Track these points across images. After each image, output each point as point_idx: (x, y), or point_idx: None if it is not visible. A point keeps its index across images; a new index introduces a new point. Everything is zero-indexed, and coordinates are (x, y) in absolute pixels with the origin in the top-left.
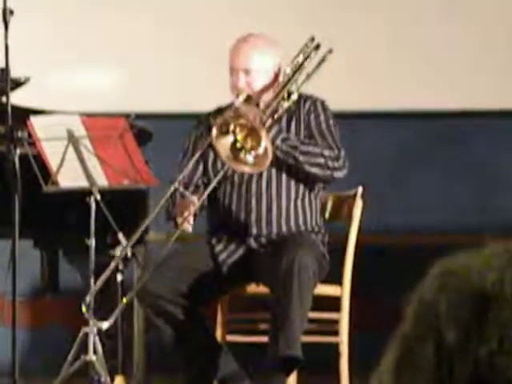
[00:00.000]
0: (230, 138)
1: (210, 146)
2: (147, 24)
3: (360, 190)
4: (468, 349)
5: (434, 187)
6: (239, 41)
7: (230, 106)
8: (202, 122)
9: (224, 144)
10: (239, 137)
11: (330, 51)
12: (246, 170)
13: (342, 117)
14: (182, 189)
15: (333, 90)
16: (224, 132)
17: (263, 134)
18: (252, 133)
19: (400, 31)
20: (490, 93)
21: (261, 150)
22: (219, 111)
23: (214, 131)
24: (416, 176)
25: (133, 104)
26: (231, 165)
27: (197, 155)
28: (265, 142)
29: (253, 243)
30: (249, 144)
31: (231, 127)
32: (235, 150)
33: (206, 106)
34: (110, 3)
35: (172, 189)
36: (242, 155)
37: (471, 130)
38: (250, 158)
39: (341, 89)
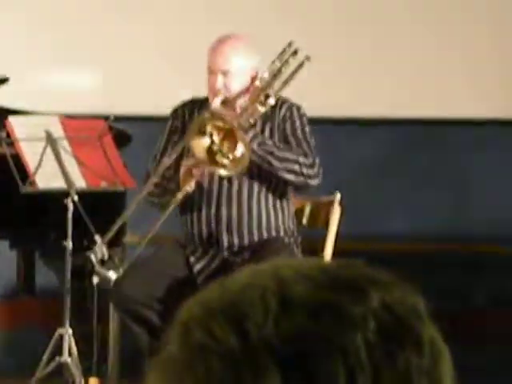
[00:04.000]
0: (206, 140)
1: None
2: (126, 26)
3: (338, 196)
4: None
5: (408, 193)
6: (218, 41)
7: (205, 99)
8: (177, 113)
9: (200, 146)
10: (216, 139)
11: (308, 58)
12: (222, 173)
13: (317, 123)
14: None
15: (309, 96)
16: (201, 133)
17: (241, 136)
18: (229, 135)
19: (376, 40)
20: (464, 101)
21: (238, 153)
22: (194, 102)
23: (191, 132)
24: (391, 182)
25: (112, 106)
26: (206, 167)
27: (171, 152)
28: (242, 145)
29: (226, 254)
30: (225, 147)
31: (208, 129)
32: (211, 152)
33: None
34: (90, 5)
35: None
36: (218, 158)
37: (446, 137)
38: (225, 161)
39: (316, 95)
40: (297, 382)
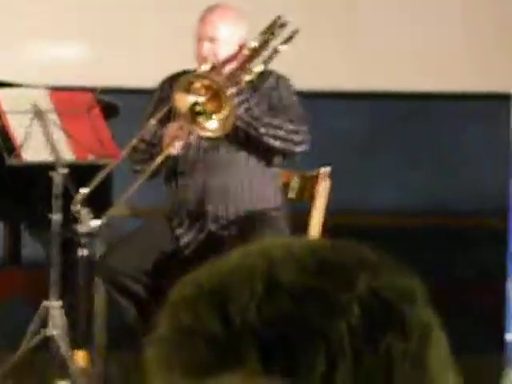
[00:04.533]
0: (191, 98)
1: (171, 109)
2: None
3: (328, 169)
4: None
5: (394, 168)
6: (207, 10)
7: (194, 71)
8: (165, 84)
9: (184, 103)
10: (202, 99)
11: (296, 31)
12: (204, 133)
13: (303, 96)
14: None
15: (298, 69)
16: (187, 91)
17: (227, 98)
18: (215, 96)
19: (360, 14)
20: (451, 74)
21: (223, 114)
22: (183, 74)
23: (177, 89)
24: (378, 157)
25: (100, 78)
26: (188, 126)
27: (158, 115)
28: (228, 107)
29: (213, 226)
30: (210, 107)
31: (195, 86)
32: (195, 112)
33: None
34: None
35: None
36: (202, 118)
37: (430, 111)
38: (210, 122)
39: (303, 68)
40: (278, 366)
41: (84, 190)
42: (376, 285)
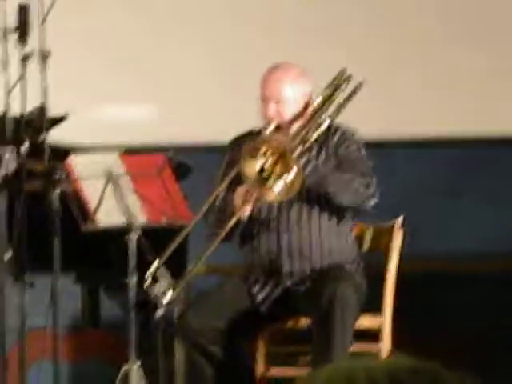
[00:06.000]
0: (258, 163)
1: (239, 173)
2: (183, 55)
3: (400, 219)
4: None
5: (473, 215)
6: (270, 69)
7: (261, 130)
8: (234, 145)
9: (251, 169)
10: (268, 163)
11: (361, 84)
12: (273, 197)
13: (374, 146)
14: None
15: (361, 119)
16: (253, 157)
17: (294, 160)
18: (282, 159)
19: (430, 58)
20: None
21: (290, 177)
22: (251, 134)
23: (243, 156)
24: (456, 204)
25: (171, 136)
26: (257, 191)
27: (226, 181)
28: (295, 169)
29: (288, 283)
30: (278, 170)
31: (261, 151)
32: (263, 176)
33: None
34: (143, 36)
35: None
36: (269, 182)
37: (507, 156)
38: (278, 185)
39: (370, 117)
40: None
41: (156, 263)
42: None
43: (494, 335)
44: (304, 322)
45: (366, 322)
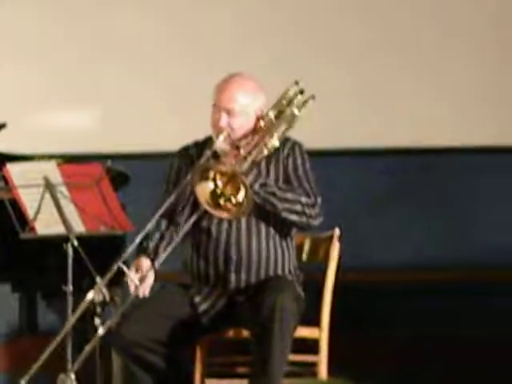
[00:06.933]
0: (210, 185)
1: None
2: (121, 65)
3: (337, 231)
4: None
5: (410, 223)
6: (225, 79)
7: (207, 140)
8: (182, 155)
9: (204, 191)
10: (219, 183)
11: (313, 97)
12: (226, 216)
13: (316, 155)
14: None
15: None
16: (204, 178)
17: (242, 180)
18: (232, 179)
19: (364, 68)
20: (464, 129)
21: (240, 197)
22: (197, 145)
23: (195, 178)
24: (392, 212)
25: (109, 145)
26: (211, 211)
27: (175, 194)
28: (244, 189)
29: (232, 293)
30: (229, 191)
31: (211, 174)
32: (215, 196)
33: (181, 144)
34: (86, 45)
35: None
36: (221, 202)
37: (448, 166)
38: (229, 205)
39: (313, 127)
40: None
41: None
42: None
43: (424, 344)
44: (245, 332)
45: (304, 332)
